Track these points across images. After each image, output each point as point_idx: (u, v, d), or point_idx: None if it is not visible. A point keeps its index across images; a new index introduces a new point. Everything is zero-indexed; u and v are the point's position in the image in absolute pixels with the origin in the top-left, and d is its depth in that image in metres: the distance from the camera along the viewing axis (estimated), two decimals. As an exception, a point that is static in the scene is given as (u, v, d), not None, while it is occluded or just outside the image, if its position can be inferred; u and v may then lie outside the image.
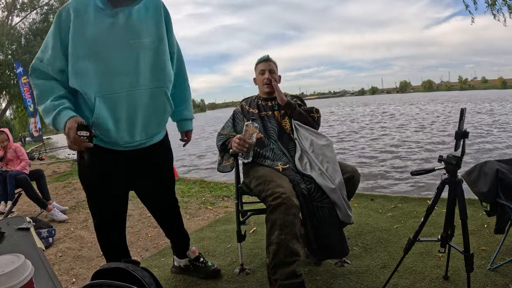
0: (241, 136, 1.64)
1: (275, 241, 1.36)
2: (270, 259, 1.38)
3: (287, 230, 1.35)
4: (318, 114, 1.86)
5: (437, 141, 7.79)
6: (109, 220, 1.45)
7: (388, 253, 1.84)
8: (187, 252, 1.74)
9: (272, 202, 1.38)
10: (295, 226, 1.37)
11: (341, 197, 1.50)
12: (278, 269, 1.35)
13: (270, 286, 1.42)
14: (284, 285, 1.33)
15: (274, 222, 1.37)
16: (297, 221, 1.39)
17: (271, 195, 1.40)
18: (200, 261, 1.74)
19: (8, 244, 1.02)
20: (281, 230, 1.35)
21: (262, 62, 1.88)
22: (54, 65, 1.22)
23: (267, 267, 1.41)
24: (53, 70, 1.23)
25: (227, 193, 3.60)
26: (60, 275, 1.98)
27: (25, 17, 14.60)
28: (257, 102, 1.89)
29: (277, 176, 1.53)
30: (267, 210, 1.42)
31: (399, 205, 2.62)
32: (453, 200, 1.29)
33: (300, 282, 1.34)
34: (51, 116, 1.19)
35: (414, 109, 20.78)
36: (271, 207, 1.38)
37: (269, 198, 1.40)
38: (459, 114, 1.19)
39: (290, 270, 1.34)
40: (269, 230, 1.39)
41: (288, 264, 1.34)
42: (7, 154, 3.61)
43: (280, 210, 1.36)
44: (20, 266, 0.65)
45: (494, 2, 5.95)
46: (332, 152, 1.67)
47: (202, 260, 1.75)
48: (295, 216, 1.37)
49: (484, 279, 1.49)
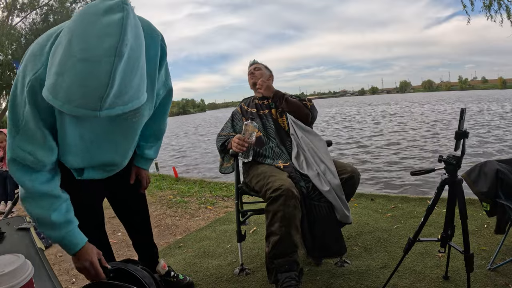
0: (240, 135, 1.65)
1: (275, 232, 1.38)
2: (269, 248, 1.40)
3: (287, 221, 1.37)
4: (311, 103, 1.88)
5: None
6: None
7: (388, 253, 1.84)
8: (157, 268, 1.59)
9: (272, 194, 1.39)
10: (296, 218, 1.39)
11: (336, 197, 1.51)
12: (277, 260, 1.38)
13: (268, 275, 1.44)
14: (282, 277, 1.35)
15: (275, 213, 1.38)
16: (297, 213, 1.40)
17: (271, 188, 1.42)
18: (171, 276, 1.62)
19: (8, 244, 1.03)
20: (282, 221, 1.37)
21: (249, 67, 2.00)
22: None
23: (266, 255, 1.43)
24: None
25: (227, 193, 3.59)
26: (60, 275, 1.98)
27: (25, 17, 14.61)
28: (255, 102, 1.92)
29: (277, 172, 1.55)
30: (267, 202, 1.42)
31: (399, 205, 2.62)
32: (453, 200, 1.28)
33: (298, 273, 1.38)
34: (57, 235, 0.97)
35: (429, 111, 18.80)
36: (271, 199, 1.39)
37: (269, 191, 1.41)
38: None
39: (288, 260, 1.36)
40: (270, 220, 1.40)
41: (287, 255, 1.37)
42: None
43: (281, 201, 1.37)
44: (20, 266, 0.65)
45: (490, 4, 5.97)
46: (327, 153, 1.69)
47: (173, 274, 1.63)
48: (295, 207, 1.39)
49: (484, 279, 1.49)
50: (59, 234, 0.95)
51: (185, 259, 2.01)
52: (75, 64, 0.61)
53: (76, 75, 0.62)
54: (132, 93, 0.69)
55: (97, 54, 0.61)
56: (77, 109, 0.65)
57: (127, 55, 0.64)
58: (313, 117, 1.88)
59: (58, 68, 0.64)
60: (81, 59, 0.61)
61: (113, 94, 0.64)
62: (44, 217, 0.92)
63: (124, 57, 0.63)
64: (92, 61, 0.61)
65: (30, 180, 0.89)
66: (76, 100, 0.64)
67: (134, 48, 0.66)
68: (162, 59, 1.02)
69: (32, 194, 0.91)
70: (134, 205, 1.49)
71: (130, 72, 0.66)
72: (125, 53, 0.63)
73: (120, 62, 0.62)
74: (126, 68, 0.64)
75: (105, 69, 0.61)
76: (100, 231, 1.38)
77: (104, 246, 1.42)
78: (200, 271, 1.83)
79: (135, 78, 0.69)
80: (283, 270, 1.36)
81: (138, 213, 1.51)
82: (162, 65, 1.04)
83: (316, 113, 1.92)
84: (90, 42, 0.61)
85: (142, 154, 1.34)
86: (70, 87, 0.63)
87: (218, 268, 1.85)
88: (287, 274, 1.35)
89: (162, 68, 1.04)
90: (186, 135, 18.20)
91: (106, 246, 1.43)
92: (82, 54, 0.61)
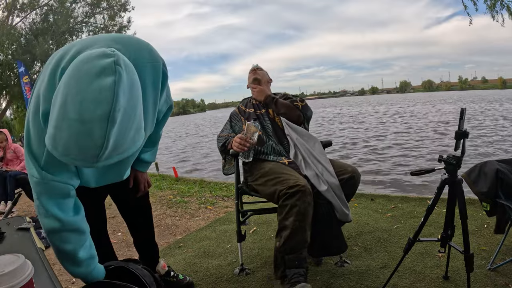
0: (241, 135, 1.65)
1: (289, 226, 1.39)
2: (281, 243, 1.40)
3: (302, 216, 1.38)
4: (303, 103, 1.89)
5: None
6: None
7: (388, 253, 1.84)
8: (157, 268, 1.60)
9: (289, 190, 1.40)
10: (309, 215, 1.41)
11: (335, 196, 1.52)
12: (288, 255, 1.39)
13: (274, 269, 1.45)
14: (291, 272, 1.36)
15: (292, 207, 1.39)
16: (310, 210, 1.42)
17: (287, 184, 1.43)
18: (171, 276, 1.62)
19: (8, 244, 1.02)
20: (297, 216, 1.38)
21: (251, 70, 2.00)
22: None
23: (275, 249, 1.44)
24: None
25: (227, 193, 3.60)
26: (60, 275, 1.98)
27: (25, 17, 14.62)
28: (252, 102, 1.93)
29: (286, 169, 1.57)
30: (283, 197, 1.42)
31: (399, 205, 2.62)
32: (453, 200, 1.28)
33: (306, 270, 1.40)
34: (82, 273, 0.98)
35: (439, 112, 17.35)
36: (288, 194, 1.40)
37: (284, 187, 1.42)
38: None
39: (299, 257, 1.38)
40: (284, 215, 1.41)
41: (298, 250, 1.38)
42: (6, 155, 3.61)
43: (298, 197, 1.38)
44: (20, 266, 0.65)
45: (493, 5, 5.98)
46: (323, 153, 1.70)
47: (173, 274, 1.64)
48: (309, 204, 1.41)
49: (484, 279, 1.49)
50: (85, 271, 0.96)
51: (185, 259, 2.01)
52: (71, 124, 0.63)
53: (71, 135, 0.63)
54: (128, 145, 0.70)
55: (90, 119, 0.62)
56: (75, 161, 0.67)
57: (120, 119, 0.64)
58: (307, 117, 1.89)
59: (55, 123, 0.65)
60: (76, 120, 0.62)
61: (108, 152, 0.65)
62: (71, 254, 0.93)
63: (117, 122, 0.64)
64: (86, 124, 0.62)
65: (61, 210, 0.90)
66: (73, 154, 0.65)
67: (128, 109, 0.67)
68: (164, 84, 1.02)
69: (62, 228, 0.91)
70: (136, 205, 1.49)
71: (125, 130, 0.67)
72: (118, 118, 0.64)
73: (113, 127, 0.63)
74: (120, 130, 0.65)
75: (99, 133, 0.62)
76: (102, 232, 1.39)
77: (106, 246, 1.43)
78: (200, 271, 1.83)
79: (130, 132, 0.70)
80: (293, 266, 1.37)
81: (140, 212, 1.52)
82: (163, 89, 1.03)
83: (311, 113, 1.92)
84: (84, 106, 0.62)
85: (140, 158, 1.35)
86: (67, 143, 0.64)
87: (218, 268, 1.85)
88: (296, 270, 1.36)
89: (164, 91, 1.05)
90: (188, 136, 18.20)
91: (107, 246, 1.44)
92: (76, 116, 0.62)
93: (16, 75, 13.13)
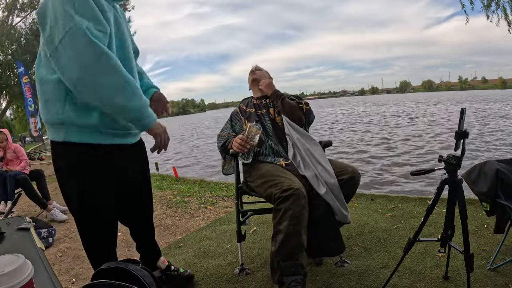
0: (242, 136, 1.65)
1: (283, 230, 1.37)
2: (276, 247, 1.39)
3: (296, 220, 1.37)
4: (307, 106, 1.88)
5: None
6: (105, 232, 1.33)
7: (388, 253, 1.84)
8: (157, 263, 1.61)
9: (283, 193, 1.39)
10: (304, 218, 1.39)
11: (334, 198, 1.52)
12: (283, 262, 1.36)
13: (271, 273, 1.42)
14: (288, 280, 1.34)
15: (285, 211, 1.38)
16: (305, 213, 1.40)
17: (281, 187, 1.42)
18: (172, 270, 1.63)
19: (8, 244, 1.03)
20: (291, 220, 1.36)
21: (249, 74, 2.00)
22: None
23: (271, 254, 1.42)
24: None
25: (227, 193, 3.60)
26: (60, 275, 1.98)
27: (25, 17, 14.60)
28: (253, 102, 1.93)
29: (282, 172, 1.56)
30: (277, 201, 1.41)
31: (399, 205, 2.62)
32: (453, 200, 1.28)
33: (303, 276, 1.36)
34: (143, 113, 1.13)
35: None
36: (282, 198, 1.39)
37: (279, 190, 1.41)
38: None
39: (295, 262, 1.35)
40: (278, 219, 1.40)
41: (294, 256, 1.36)
42: (6, 155, 3.61)
43: (291, 200, 1.37)
44: (20, 266, 0.65)
45: (489, 4, 5.97)
46: (323, 154, 1.70)
47: (174, 268, 1.65)
48: (303, 207, 1.39)
49: (484, 279, 1.49)
50: (142, 100, 1.10)
51: (185, 259, 2.01)
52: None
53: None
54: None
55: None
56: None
57: None
58: (309, 121, 1.89)
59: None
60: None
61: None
62: (132, 80, 1.07)
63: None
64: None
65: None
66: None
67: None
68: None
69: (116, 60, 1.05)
70: (137, 205, 1.49)
71: None
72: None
73: None
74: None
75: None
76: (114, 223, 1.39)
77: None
78: (200, 271, 1.83)
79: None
80: (289, 273, 1.34)
81: (141, 212, 1.53)
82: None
83: (313, 117, 1.92)
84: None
85: (145, 80, 1.49)
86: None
87: (218, 268, 1.85)
88: (293, 278, 1.33)
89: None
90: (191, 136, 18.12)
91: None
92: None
93: (16, 75, 13.12)
